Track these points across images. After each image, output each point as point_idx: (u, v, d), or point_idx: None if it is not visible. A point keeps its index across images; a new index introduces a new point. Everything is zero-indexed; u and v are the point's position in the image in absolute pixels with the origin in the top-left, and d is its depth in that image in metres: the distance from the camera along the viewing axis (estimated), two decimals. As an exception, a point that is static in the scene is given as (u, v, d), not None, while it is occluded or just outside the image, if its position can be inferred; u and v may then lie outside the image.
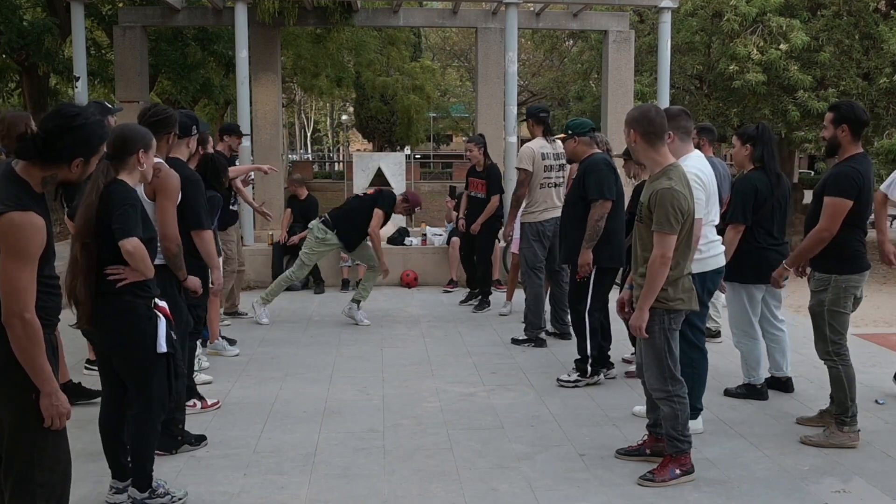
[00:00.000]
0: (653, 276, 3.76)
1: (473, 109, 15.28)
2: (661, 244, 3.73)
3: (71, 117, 2.77)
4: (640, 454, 4.22)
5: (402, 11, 11.26)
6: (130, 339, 3.45)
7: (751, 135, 5.18)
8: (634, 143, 3.90)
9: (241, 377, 5.74)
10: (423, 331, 7.25)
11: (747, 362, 5.29)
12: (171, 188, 4.09)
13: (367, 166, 12.66)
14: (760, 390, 5.27)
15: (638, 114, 3.91)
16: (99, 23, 14.12)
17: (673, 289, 3.83)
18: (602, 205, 5.45)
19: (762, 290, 5.22)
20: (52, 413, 2.70)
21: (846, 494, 3.82)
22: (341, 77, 21.78)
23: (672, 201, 3.70)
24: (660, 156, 3.88)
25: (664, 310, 3.85)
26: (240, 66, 9.40)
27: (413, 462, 4.18)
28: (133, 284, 3.42)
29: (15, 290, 2.59)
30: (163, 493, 3.60)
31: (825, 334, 4.46)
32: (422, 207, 7.95)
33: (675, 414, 3.89)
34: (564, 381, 5.56)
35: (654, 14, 14.04)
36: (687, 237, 3.85)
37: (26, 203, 2.64)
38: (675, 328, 3.91)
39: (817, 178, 33.34)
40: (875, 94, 14.36)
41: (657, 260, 3.74)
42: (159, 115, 4.28)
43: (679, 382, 3.91)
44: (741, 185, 5.17)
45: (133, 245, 3.33)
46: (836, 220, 4.32)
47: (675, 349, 3.91)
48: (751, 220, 5.07)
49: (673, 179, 3.78)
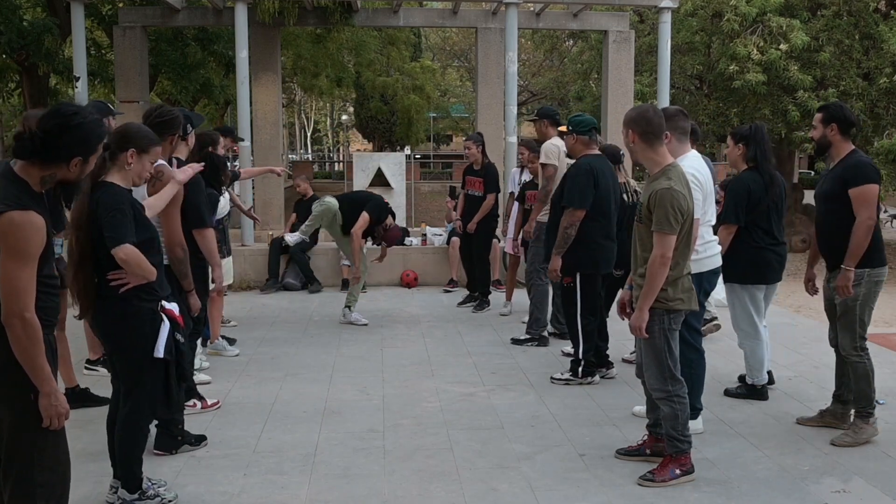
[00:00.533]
0: (652, 276, 3.75)
1: (473, 109, 15.28)
2: (662, 244, 3.73)
3: (69, 116, 2.76)
4: (641, 454, 4.21)
5: (402, 11, 11.27)
6: (129, 342, 3.45)
7: (744, 135, 5.17)
8: (633, 143, 3.90)
9: (241, 377, 5.74)
10: (423, 331, 7.25)
11: (750, 363, 5.28)
12: (175, 192, 4.09)
13: (367, 166, 12.66)
14: (761, 391, 5.27)
15: (636, 114, 3.90)
16: (99, 23, 14.12)
17: (673, 289, 3.83)
18: (573, 213, 5.37)
19: (762, 289, 5.22)
20: (50, 413, 2.70)
21: (846, 494, 3.81)
22: (341, 77, 21.78)
23: (672, 201, 3.70)
24: (658, 156, 3.88)
25: (664, 310, 3.84)
26: (240, 66, 9.40)
27: (413, 462, 4.18)
28: (137, 288, 3.41)
29: (15, 289, 2.59)
30: (153, 494, 3.59)
31: (854, 330, 4.49)
32: (397, 244, 7.97)
33: (675, 414, 3.89)
34: (557, 379, 5.60)
35: (654, 14, 14.04)
36: (686, 237, 3.84)
37: (26, 202, 2.63)
38: (675, 328, 3.91)
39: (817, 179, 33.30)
40: (875, 94, 14.36)
41: (657, 260, 3.73)
42: (164, 116, 4.28)
43: (679, 382, 3.91)
44: (735, 185, 5.16)
45: (125, 252, 3.29)
46: (873, 207, 4.36)
47: (675, 349, 3.91)
48: (744, 220, 5.06)
49: (672, 179, 3.77)
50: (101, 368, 5.62)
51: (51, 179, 2.76)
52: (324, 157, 60.28)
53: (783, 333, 7.22)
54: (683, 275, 3.89)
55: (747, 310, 5.20)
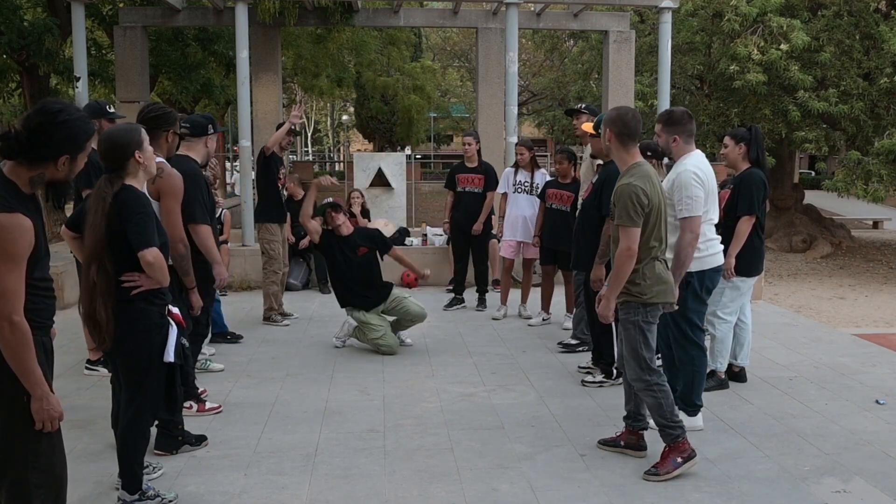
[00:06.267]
0: (618, 268, 3.91)
1: (474, 110, 15.29)
2: (626, 237, 3.88)
3: (54, 113, 2.68)
4: (616, 445, 4.33)
5: (402, 11, 11.27)
6: (136, 346, 3.43)
7: (744, 136, 5.40)
8: (608, 141, 4.10)
9: (242, 377, 5.74)
10: (423, 331, 7.25)
11: (718, 348, 5.39)
12: (175, 188, 4.09)
13: (367, 166, 12.68)
14: (723, 381, 5.44)
15: (615, 115, 4.11)
16: (99, 23, 14.11)
17: (646, 282, 3.93)
18: None
19: (753, 281, 5.46)
20: (42, 417, 2.67)
21: (846, 494, 3.82)
22: (342, 77, 21.76)
23: (630, 195, 3.87)
24: (628, 155, 4.07)
25: (639, 303, 3.95)
26: (240, 66, 9.40)
27: (413, 462, 4.18)
28: (147, 292, 3.40)
29: (2, 292, 2.54)
30: (153, 494, 3.59)
31: None
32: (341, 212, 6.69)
33: (658, 403, 3.99)
34: (589, 383, 5.57)
35: (654, 14, 14.04)
36: (653, 230, 3.94)
37: (13, 204, 2.58)
38: (651, 321, 4.01)
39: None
40: (875, 94, 14.34)
41: (623, 253, 3.89)
42: (156, 111, 4.28)
43: (656, 372, 4.01)
44: (749, 179, 5.32)
45: (153, 255, 3.30)
46: None
47: (651, 341, 4.01)
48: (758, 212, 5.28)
49: (634, 176, 3.95)
50: (101, 369, 5.63)
51: (40, 180, 2.69)
52: (324, 157, 60.27)
53: (783, 333, 7.23)
54: (657, 268, 3.96)
55: (739, 300, 5.41)
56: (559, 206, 6.99)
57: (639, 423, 4.28)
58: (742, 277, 5.33)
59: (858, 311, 11.06)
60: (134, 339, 3.41)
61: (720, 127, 15.80)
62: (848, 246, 18.24)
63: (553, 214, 7.06)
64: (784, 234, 17.96)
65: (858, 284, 13.82)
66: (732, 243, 5.23)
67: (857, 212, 25.65)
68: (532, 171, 7.74)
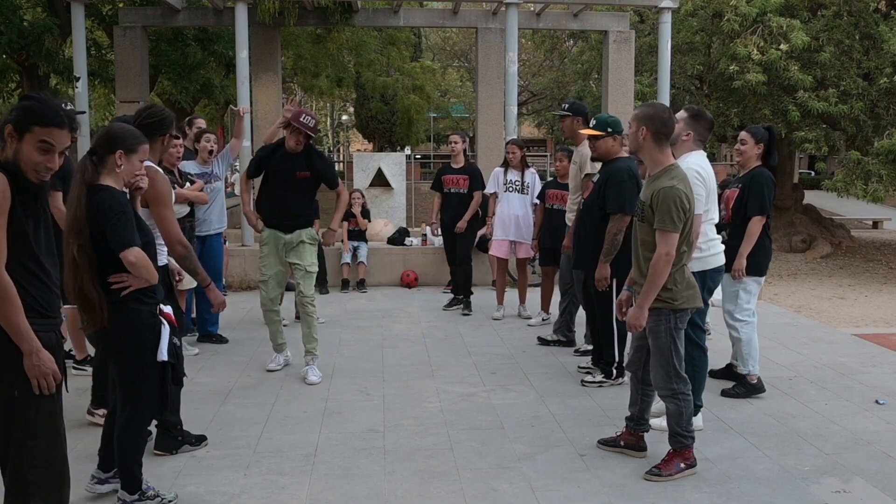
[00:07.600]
0: (656, 274, 3.79)
1: (473, 110, 15.28)
2: (666, 242, 3.77)
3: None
4: (616, 445, 4.30)
5: (402, 11, 11.27)
6: (129, 347, 3.43)
7: (763, 136, 5.29)
8: (643, 139, 3.91)
9: (242, 377, 5.74)
10: (423, 331, 7.25)
11: (747, 351, 5.31)
12: (164, 193, 4.00)
13: (367, 166, 12.68)
14: (758, 385, 5.33)
15: (652, 113, 3.91)
16: (99, 23, 14.12)
17: (677, 288, 3.86)
18: (621, 218, 5.21)
19: (762, 280, 5.41)
20: (35, 374, 2.62)
21: (846, 494, 3.81)
22: (341, 77, 21.74)
23: (675, 199, 3.75)
24: (663, 156, 3.94)
25: (670, 310, 3.87)
26: (240, 66, 9.40)
27: (413, 462, 4.18)
28: (138, 291, 3.40)
29: None
30: (153, 494, 3.59)
31: None
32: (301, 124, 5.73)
33: (679, 411, 3.94)
34: (589, 383, 5.56)
35: (654, 14, 14.04)
36: (688, 235, 3.89)
37: None
38: (681, 327, 3.94)
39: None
40: (875, 94, 14.35)
41: (661, 258, 3.77)
42: (154, 116, 4.19)
43: (684, 381, 3.95)
44: (760, 178, 5.24)
45: (135, 255, 3.29)
46: None
47: (680, 348, 3.94)
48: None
49: (675, 179, 3.83)
50: (88, 368, 5.59)
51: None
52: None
53: (783, 333, 7.23)
54: (686, 273, 3.91)
55: (754, 300, 5.36)
56: (559, 206, 6.99)
57: (641, 427, 4.26)
58: (753, 277, 5.27)
59: (858, 311, 11.06)
60: (126, 339, 3.41)
61: (720, 127, 15.81)
62: (848, 246, 18.25)
63: (553, 214, 7.06)
64: (784, 234, 17.96)
65: (858, 284, 13.83)
66: (744, 243, 5.19)
67: (856, 212, 25.66)
68: (522, 171, 7.73)
